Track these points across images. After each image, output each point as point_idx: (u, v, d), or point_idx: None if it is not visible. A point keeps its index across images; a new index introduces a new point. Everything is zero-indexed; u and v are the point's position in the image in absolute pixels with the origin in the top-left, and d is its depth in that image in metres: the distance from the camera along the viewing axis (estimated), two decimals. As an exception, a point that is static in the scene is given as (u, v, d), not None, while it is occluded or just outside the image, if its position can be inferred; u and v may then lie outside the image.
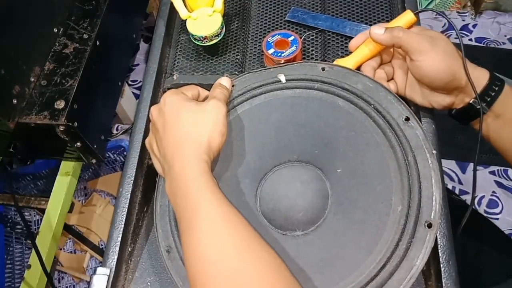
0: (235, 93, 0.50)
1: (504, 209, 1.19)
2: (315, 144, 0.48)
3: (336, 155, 0.46)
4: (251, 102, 0.50)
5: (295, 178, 0.47)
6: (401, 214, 0.40)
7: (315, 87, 0.48)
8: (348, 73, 0.48)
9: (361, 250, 0.40)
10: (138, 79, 1.54)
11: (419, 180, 0.41)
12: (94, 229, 1.21)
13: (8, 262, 1.17)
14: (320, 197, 0.45)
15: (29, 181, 1.23)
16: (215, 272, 0.35)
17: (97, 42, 0.77)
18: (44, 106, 0.68)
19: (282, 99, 0.49)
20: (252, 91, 0.50)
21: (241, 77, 0.52)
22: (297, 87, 0.49)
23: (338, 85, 0.47)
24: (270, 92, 0.50)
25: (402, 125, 0.44)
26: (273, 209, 0.46)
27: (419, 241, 0.39)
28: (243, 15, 0.66)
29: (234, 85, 0.51)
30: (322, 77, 0.48)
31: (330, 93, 0.48)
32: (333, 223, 0.44)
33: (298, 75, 0.50)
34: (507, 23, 1.52)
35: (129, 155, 0.55)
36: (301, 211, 0.44)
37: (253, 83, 0.50)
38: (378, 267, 0.38)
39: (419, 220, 0.39)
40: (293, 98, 0.49)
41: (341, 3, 0.65)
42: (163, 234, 0.46)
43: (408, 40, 0.45)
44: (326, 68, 0.49)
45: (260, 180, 0.48)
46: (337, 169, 0.46)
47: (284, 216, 0.45)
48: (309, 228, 0.44)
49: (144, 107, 0.59)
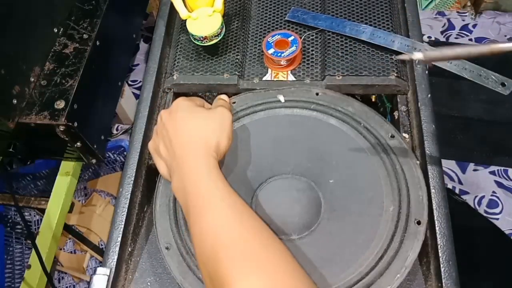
0: (237, 108, 0.55)
1: (504, 209, 1.19)
2: (309, 158, 0.51)
3: (328, 168, 0.50)
4: (252, 116, 0.54)
5: (291, 186, 0.50)
6: (393, 213, 0.45)
7: (311, 107, 0.54)
8: (340, 98, 0.54)
9: (358, 246, 0.44)
10: (138, 79, 1.54)
11: (407, 185, 0.47)
12: (94, 229, 1.21)
13: (8, 262, 1.17)
14: (314, 205, 0.48)
15: (29, 181, 1.22)
16: (229, 252, 0.36)
17: (97, 42, 0.77)
18: (44, 106, 0.68)
19: (281, 116, 0.54)
20: (253, 107, 0.55)
21: (242, 95, 0.57)
22: (295, 106, 0.54)
23: (331, 107, 0.53)
24: (270, 110, 0.55)
25: (389, 140, 0.50)
26: (269, 214, 0.48)
27: (411, 236, 0.44)
28: (243, 15, 0.66)
29: (235, 102, 0.56)
30: (317, 99, 0.54)
31: (324, 113, 0.53)
32: (328, 227, 0.46)
33: (295, 97, 0.55)
34: (507, 23, 1.52)
35: (129, 155, 0.55)
36: (297, 215, 0.47)
37: (254, 101, 0.55)
38: (376, 258, 0.43)
39: (409, 218, 0.45)
40: (291, 116, 0.54)
41: (341, 3, 0.65)
42: (163, 232, 0.48)
43: None
44: (320, 93, 0.55)
45: (256, 189, 0.50)
46: (329, 180, 0.49)
47: (280, 221, 0.47)
48: (304, 232, 0.46)
49: (144, 107, 0.59)
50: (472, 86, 1.17)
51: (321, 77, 0.58)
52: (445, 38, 1.51)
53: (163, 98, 0.62)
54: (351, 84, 0.57)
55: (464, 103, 1.32)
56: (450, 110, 1.27)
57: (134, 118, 0.59)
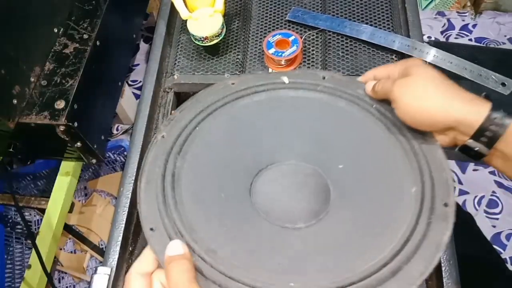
0: (236, 88, 0.49)
1: (504, 209, 1.19)
2: (316, 143, 0.47)
3: (337, 153, 0.46)
4: (252, 97, 0.48)
5: (296, 172, 0.46)
6: (416, 195, 0.39)
7: (317, 88, 0.48)
8: (349, 81, 0.48)
9: (377, 232, 0.39)
10: (138, 79, 1.53)
11: (428, 166, 0.40)
12: (94, 229, 1.21)
13: (8, 262, 1.17)
14: (322, 191, 0.44)
15: (29, 181, 1.22)
16: None
17: (97, 42, 0.77)
18: (44, 106, 0.68)
19: (284, 98, 0.49)
20: (254, 87, 0.49)
21: (243, 76, 0.51)
22: (300, 88, 0.49)
23: (339, 89, 0.48)
24: (273, 91, 0.49)
25: None
26: (272, 200, 0.44)
27: (439, 218, 0.38)
28: (243, 15, 0.66)
29: (233, 83, 0.50)
30: (324, 82, 0.49)
31: (332, 95, 0.48)
32: (339, 214, 0.42)
33: (300, 78, 0.49)
34: (507, 23, 1.52)
35: (130, 154, 0.55)
36: (305, 200, 0.43)
37: (255, 81, 0.49)
38: (401, 242, 0.37)
39: (434, 200, 0.39)
40: (295, 98, 0.48)
41: (341, 3, 0.65)
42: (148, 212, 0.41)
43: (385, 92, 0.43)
44: (327, 76, 0.49)
45: (255, 175, 0.46)
46: (339, 165, 0.45)
47: (285, 207, 0.44)
48: (311, 221, 0.42)
49: (145, 107, 0.59)
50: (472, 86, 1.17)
51: (321, 77, 0.58)
52: (445, 38, 1.51)
53: (164, 98, 0.62)
54: (351, 84, 0.57)
55: (464, 103, 1.32)
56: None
57: (135, 118, 0.59)
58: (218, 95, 0.48)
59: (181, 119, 0.46)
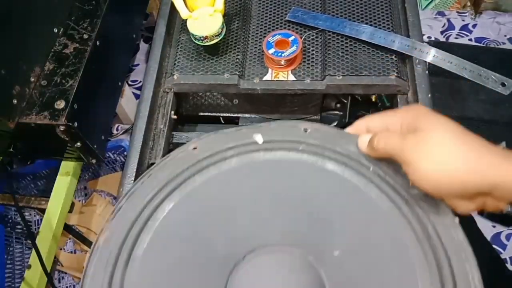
0: (200, 156, 0.40)
1: (504, 209, 1.19)
2: (302, 219, 0.38)
3: (331, 233, 0.37)
4: (219, 166, 0.39)
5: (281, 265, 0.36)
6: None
7: (299, 148, 0.39)
8: (337, 134, 0.40)
9: None
10: (138, 79, 1.53)
11: (447, 255, 0.33)
12: (94, 229, 1.21)
13: (8, 262, 1.17)
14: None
15: (29, 181, 1.22)
16: None
17: (97, 42, 0.77)
18: (44, 106, 0.68)
19: (259, 163, 0.39)
20: (221, 153, 0.40)
21: (204, 138, 0.41)
22: (278, 148, 0.40)
23: (326, 147, 0.39)
24: (244, 155, 0.40)
25: (411, 189, 0.36)
26: None
27: None
28: (243, 15, 0.66)
29: (195, 148, 0.41)
30: (307, 138, 0.40)
31: (317, 156, 0.39)
32: None
33: (277, 135, 0.41)
34: (507, 23, 1.52)
35: (129, 155, 0.55)
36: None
37: (221, 144, 0.40)
38: None
39: None
40: (273, 162, 0.39)
41: (341, 3, 0.65)
42: None
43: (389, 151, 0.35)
44: (309, 129, 0.40)
45: (230, 273, 0.36)
46: (334, 250, 0.35)
47: None
48: None
49: (145, 107, 0.59)
50: (472, 86, 1.17)
51: (321, 77, 0.58)
52: (445, 38, 1.51)
53: (164, 98, 0.62)
54: (351, 84, 0.57)
55: (464, 103, 1.32)
56: (450, 110, 1.27)
57: (135, 118, 0.59)
58: (176, 168, 0.39)
59: (128, 210, 0.37)
